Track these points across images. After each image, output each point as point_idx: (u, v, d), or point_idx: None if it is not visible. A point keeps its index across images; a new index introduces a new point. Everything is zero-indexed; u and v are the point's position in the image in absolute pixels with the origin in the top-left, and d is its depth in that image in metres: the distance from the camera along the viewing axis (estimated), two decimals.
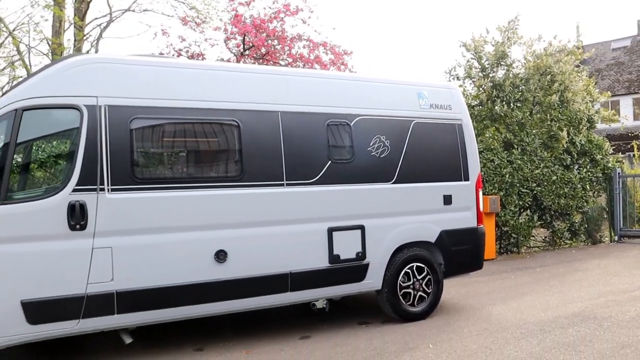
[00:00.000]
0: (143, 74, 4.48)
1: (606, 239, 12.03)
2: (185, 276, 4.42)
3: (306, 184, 5.02)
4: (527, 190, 10.64)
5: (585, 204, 11.45)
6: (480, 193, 6.21)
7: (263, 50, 9.02)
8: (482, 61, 11.12)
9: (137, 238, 4.25)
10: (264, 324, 5.59)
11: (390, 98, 5.71)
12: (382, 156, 5.49)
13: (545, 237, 11.65)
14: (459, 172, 6.02)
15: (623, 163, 12.25)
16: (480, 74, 11.35)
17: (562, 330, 5.07)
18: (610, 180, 11.81)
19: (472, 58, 11.26)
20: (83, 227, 4.05)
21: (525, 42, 11.55)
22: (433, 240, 5.75)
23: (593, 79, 12.23)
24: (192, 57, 9.63)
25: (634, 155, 13.45)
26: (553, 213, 11.22)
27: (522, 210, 10.82)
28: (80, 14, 10.01)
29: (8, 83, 11.10)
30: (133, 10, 11.80)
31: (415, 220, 5.66)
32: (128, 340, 4.39)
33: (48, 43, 10.15)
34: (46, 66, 4.39)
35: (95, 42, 10.66)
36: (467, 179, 6.06)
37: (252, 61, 9.25)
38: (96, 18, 11.32)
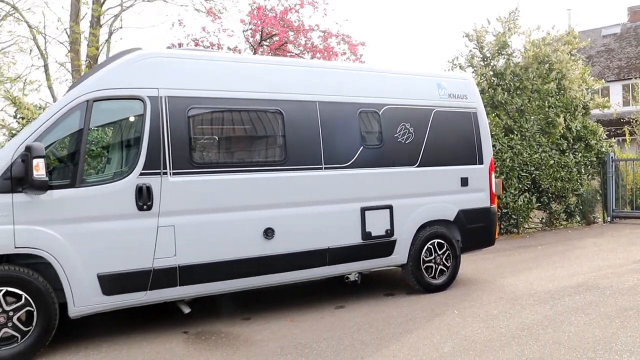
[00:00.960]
0: (197, 67, 4.88)
1: (599, 219, 12.72)
2: (238, 252, 4.88)
3: (342, 168, 5.49)
4: (526, 174, 11.23)
5: (580, 186, 12.09)
6: (493, 176, 6.74)
7: (281, 39, 9.39)
8: (484, 51, 11.60)
9: (195, 217, 4.69)
10: (302, 296, 6.08)
11: (413, 88, 6.17)
12: (407, 142, 5.97)
13: (542, 218, 12.28)
14: (474, 157, 6.53)
15: (613, 148, 12.86)
16: (481, 63, 11.84)
17: (570, 298, 5.64)
18: (604, 164, 12.46)
19: (474, 48, 11.74)
20: (149, 208, 4.49)
21: (524, 32, 12.06)
22: (452, 218, 6.27)
23: (588, 67, 12.76)
24: (210, 46, 9.97)
25: (624, 140, 14.12)
26: (550, 195, 11.84)
27: (521, 192, 11.42)
28: (99, 2, 10.27)
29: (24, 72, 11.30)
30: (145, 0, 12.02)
31: (436, 201, 6.17)
32: (186, 310, 4.85)
33: (66, 32, 10.40)
34: (110, 59, 4.77)
35: (109, 34, 10.91)
36: (481, 162, 6.57)
37: (269, 51, 9.63)
38: (110, 8, 11.53)
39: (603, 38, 28.61)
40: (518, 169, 11.05)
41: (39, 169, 3.90)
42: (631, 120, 15.49)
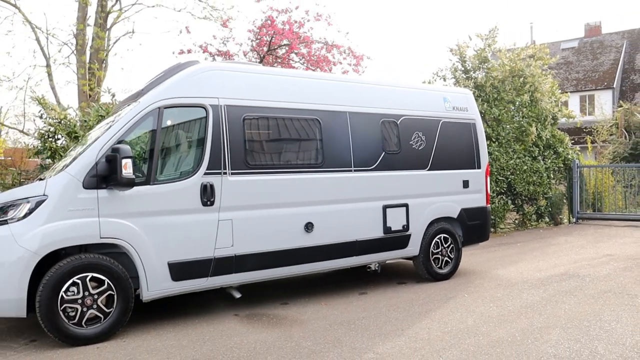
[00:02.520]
0: (250, 79, 5.53)
1: (565, 220, 13.99)
2: (283, 243, 5.54)
3: (368, 170, 6.24)
4: (503, 178, 12.31)
5: (549, 190, 13.31)
6: (488, 179, 7.64)
7: (291, 49, 10.04)
8: (466, 64, 12.63)
9: (249, 212, 5.32)
10: (328, 284, 6.76)
11: (424, 102, 7.00)
12: (419, 148, 6.78)
13: (515, 219, 13.42)
14: (473, 162, 7.42)
15: (578, 155, 14.17)
16: (463, 76, 12.87)
17: (557, 284, 6.57)
18: (570, 170, 13.74)
19: (457, 62, 12.74)
20: (212, 204, 5.09)
21: (501, 49, 13.19)
22: (455, 216, 7.12)
23: (557, 81, 14.03)
24: (219, 54, 10.49)
25: (586, 148, 15.52)
26: (523, 198, 13.00)
27: (498, 195, 12.49)
28: (105, 8, 10.61)
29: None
30: (141, 4, 12.39)
31: (443, 200, 7.00)
32: (237, 295, 5.46)
33: (73, 33, 10.67)
34: (171, 70, 5.31)
35: (107, 39, 11.22)
36: (479, 167, 7.47)
37: (275, 60, 10.25)
38: (109, 12, 11.82)
39: (562, 51, 30.62)
40: (496, 173, 12.11)
41: (127, 168, 4.44)
42: (592, 129, 16.98)
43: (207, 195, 5.06)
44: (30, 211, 4.39)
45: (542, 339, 4.46)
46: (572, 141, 14.08)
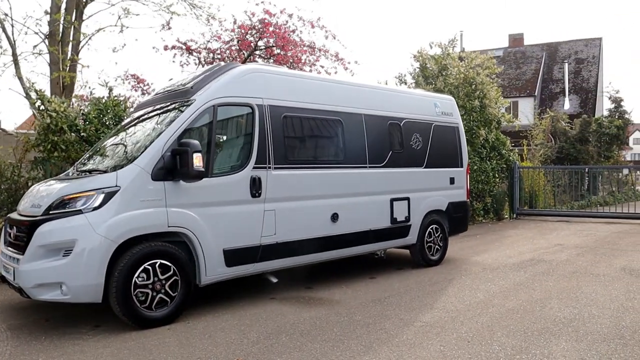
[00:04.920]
0: (287, 82, 6.03)
1: (506, 216, 15.61)
2: (315, 231, 6.10)
3: (379, 167, 6.95)
4: None
5: (494, 188, 14.83)
6: (468, 177, 8.65)
7: (284, 53, 10.49)
8: (426, 72, 13.77)
9: (288, 204, 5.82)
10: (336, 271, 7.36)
11: (420, 106, 7.84)
12: (417, 148, 7.61)
13: None
14: (457, 161, 8.39)
15: (518, 157, 15.87)
16: (423, 82, 14.01)
17: (531, 267, 7.68)
18: (511, 171, 15.37)
19: (418, 68, 13.84)
20: (259, 195, 5.54)
21: (454, 58, 14.50)
22: (444, 209, 8.04)
23: (500, 89, 15.61)
24: (204, 50, 10.67)
25: (523, 151, 17.36)
26: (473, 195, 14.38)
27: None
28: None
29: None
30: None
31: (436, 195, 7.89)
32: (274, 280, 5.93)
33: (39, 23, 10.34)
34: (217, 71, 5.65)
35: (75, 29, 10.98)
36: (462, 166, 8.46)
37: (260, 60, 10.62)
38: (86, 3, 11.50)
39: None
40: None
41: (198, 161, 4.79)
42: (527, 133, 18.98)
43: (256, 187, 5.50)
44: (105, 201, 4.61)
45: (546, 307, 5.41)
46: (512, 144, 15.71)
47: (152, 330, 4.72)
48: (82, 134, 7.88)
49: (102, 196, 4.63)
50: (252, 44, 10.75)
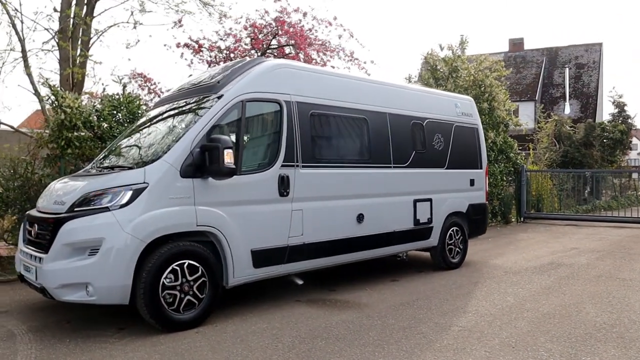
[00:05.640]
0: (314, 78, 5.88)
1: (513, 219, 15.51)
2: (341, 232, 5.93)
3: (403, 167, 6.80)
4: None
5: (502, 191, 14.73)
6: (487, 179, 8.52)
7: (297, 52, 10.33)
8: (437, 73, 13.66)
9: (315, 203, 5.65)
10: (356, 274, 7.19)
11: (442, 107, 7.71)
12: (439, 149, 7.47)
13: None
14: (477, 163, 8.26)
15: (527, 160, 15.80)
16: (434, 84, 13.90)
17: (554, 271, 7.55)
18: (519, 174, 15.28)
19: (428, 69, 13.73)
20: (287, 194, 5.36)
21: (464, 61, 14.41)
22: (464, 211, 7.90)
23: (507, 92, 15.55)
24: (212, 48, 10.48)
25: (528, 154, 17.30)
26: None
27: None
28: None
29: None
30: None
31: (456, 196, 7.75)
32: (300, 282, 5.76)
33: (51, 18, 10.14)
34: (244, 66, 5.48)
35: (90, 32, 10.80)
36: (481, 167, 8.33)
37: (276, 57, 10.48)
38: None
39: None
40: None
41: (229, 158, 4.62)
42: (532, 137, 18.96)
43: (284, 186, 5.33)
44: (133, 198, 4.42)
45: (582, 312, 5.27)
46: (520, 148, 15.64)
47: (180, 333, 4.52)
48: (96, 130, 7.68)
49: (130, 193, 4.44)
50: (264, 43, 10.58)
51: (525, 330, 4.66)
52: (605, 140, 20.14)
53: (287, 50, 10.88)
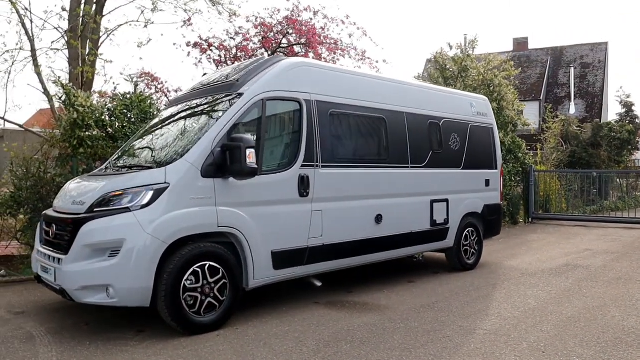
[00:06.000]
0: (333, 77, 5.80)
1: (521, 220, 15.42)
2: (360, 233, 5.85)
3: (420, 167, 6.71)
4: None
5: (510, 192, 14.62)
6: (501, 179, 8.44)
7: (313, 48, 10.24)
8: (446, 73, 13.58)
9: (334, 204, 5.57)
10: (371, 275, 7.10)
11: (458, 106, 7.62)
12: (455, 149, 7.38)
13: None
14: (492, 163, 8.17)
15: (535, 160, 15.69)
16: (443, 83, 13.81)
17: (571, 273, 7.46)
18: (527, 174, 15.18)
19: (437, 69, 13.65)
20: (307, 195, 5.28)
21: (473, 60, 14.32)
22: (480, 211, 7.81)
23: (516, 92, 15.46)
24: (221, 47, 10.40)
25: (536, 154, 17.18)
26: None
27: None
28: None
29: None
30: None
31: (472, 197, 7.66)
32: (318, 284, 5.68)
33: (61, 17, 10.05)
34: (263, 64, 5.39)
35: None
36: (496, 168, 8.24)
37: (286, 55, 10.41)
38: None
39: None
40: None
41: (252, 157, 4.53)
42: (540, 137, 18.85)
43: (304, 186, 5.25)
44: (154, 198, 4.34)
45: (607, 315, 5.18)
46: (529, 148, 15.54)
47: (202, 336, 4.44)
48: (109, 130, 7.59)
49: (151, 193, 4.36)
50: (274, 42, 10.49)
51: (552, 335, 4.58)
52: (612, 141, 20.02)
53: (296, 49, 10.79)
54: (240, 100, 4.94)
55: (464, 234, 7.51)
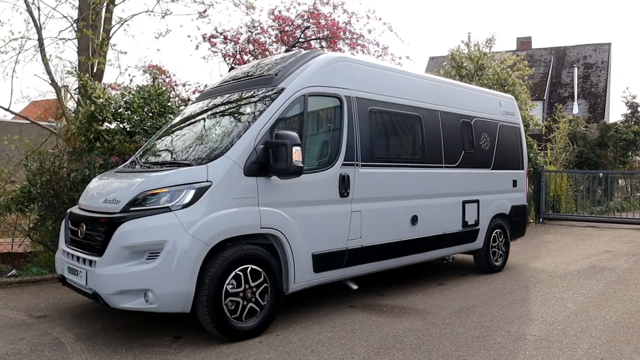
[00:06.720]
0: (372, 73, 5.57)
1: (531, 220, 15.30)
2: (396, 235, 5.65)
3: (453, 167, 6.53)
4: None
5: None
6: (527, 180, 8.27)
7: (333, 42, 10.01)
8: (462, 71, 13.40)
9: (373, 204, 5.37)
10: (402, 276, 6.90)
11: (488, 105, 7.44)
12: (486, 149, 7.20)
13: None
14: (518, 163, 8.00)
15: (546, 160, 15.58)
16: (459, 81, 13.63)
17: (600, 275, 7.32)
18: (538, 174, 15.07)
19: (453, 66, 13.46)
20: (347, 195, 5.07)
21: (489, 59, 14.15)
22: (507, 212, 7.64)
23: (529, 91, 15.32)
24: (237, 40, 10.15)
25: (546, 153, 17.10)
26: None
27: None
28: None
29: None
30: None
31: (501, 197, 7.49)
32: (354, 287, 5.45)
33: (79, 6, 9.76)
34: (301, 58, 5.15)
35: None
36: (522, 168, 8.07)
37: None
38: None
39: None
40: None
41: (298, 155, 4.31)
42: (549, 137, 18.77)
43: (345, 186, 5.04)
44: (196, 198, 4.11)
45: None
46: (539, 148, 15.42)
47: (243, 343, 4.23)
48: (126, 123, 7.34)
49: (192, 192, 4.13)
50: (293, 37, 10.24)
51: (604, 341, 4.42)
52: (618, 141, 19.97)
53: (313, 44, 10.56)
54: (282, 95, 4.71)
55: (492, 236, 7.34)
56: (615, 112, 24.97)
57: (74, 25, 10.13)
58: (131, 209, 4.18)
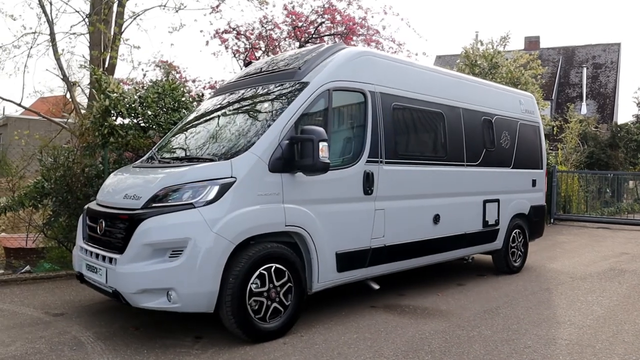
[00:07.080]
0: (395, 68, 5.45)
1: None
2: (419, 234, 5.53)
3: (474, 165, 6.40)
4: None
5: None
6: (546, 179, 8.13)
7: (349, 37, 9.87)
8: (476, 69, 13.25)
9: (396, 202, 5.24)
10: (419, 277, 6.78)
11: (508, 102, 7.30)
12: (506, 147, 7.07)
13: None
14: (538, 163, 7.86)
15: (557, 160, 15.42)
16: None
17: (621, 278, 7.18)
18: (550, 175, 14.89)
19: (467, 64, 13.31)
20: (371, 192, 4.95)
21: (503, 57, 13.99)
22: (526, 212, 7.50)
23: (541, 91, 15.16)
24: (249, 35, 10.02)
25: (557, 154, 16.94)
26: None
27: None
28: None
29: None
30: None
31: (520, 197, 7.35)
32: (376, 287, 5.33)
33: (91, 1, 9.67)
34: (324, 52, 5.02)
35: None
36: (541, 168, 7.93)
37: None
38: None
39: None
40: None
41: (324, 151, 4.19)
42: (561, 137, 18.60)
43: (369, 183, 4.92)
44: (220, 194, 3.99)
45: None
46: (550, 148, 15.26)
47: (267, 344, 4.11)
48: (140, 118, 7.23)
49: (216, 188, 4.01)
50: (307, 32, 10.12)
51: (638, 347, 4.28)
52: (629, 142, 19.78)
53: (326, 40, 10.42)
54: (306, 90, 4.58)
55: (512, 236, 7.21)
56: (624, 113, 24.85)
57: (86, 19, 10.03)
58: (153, 204, 4.06)
